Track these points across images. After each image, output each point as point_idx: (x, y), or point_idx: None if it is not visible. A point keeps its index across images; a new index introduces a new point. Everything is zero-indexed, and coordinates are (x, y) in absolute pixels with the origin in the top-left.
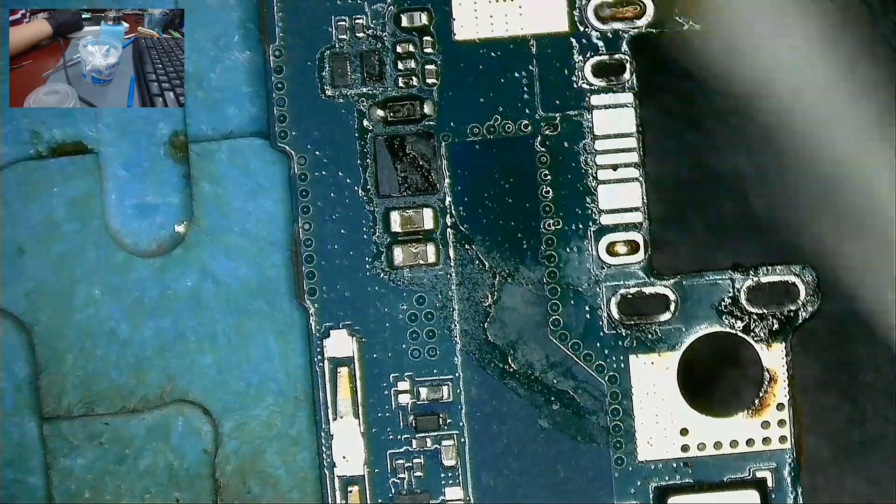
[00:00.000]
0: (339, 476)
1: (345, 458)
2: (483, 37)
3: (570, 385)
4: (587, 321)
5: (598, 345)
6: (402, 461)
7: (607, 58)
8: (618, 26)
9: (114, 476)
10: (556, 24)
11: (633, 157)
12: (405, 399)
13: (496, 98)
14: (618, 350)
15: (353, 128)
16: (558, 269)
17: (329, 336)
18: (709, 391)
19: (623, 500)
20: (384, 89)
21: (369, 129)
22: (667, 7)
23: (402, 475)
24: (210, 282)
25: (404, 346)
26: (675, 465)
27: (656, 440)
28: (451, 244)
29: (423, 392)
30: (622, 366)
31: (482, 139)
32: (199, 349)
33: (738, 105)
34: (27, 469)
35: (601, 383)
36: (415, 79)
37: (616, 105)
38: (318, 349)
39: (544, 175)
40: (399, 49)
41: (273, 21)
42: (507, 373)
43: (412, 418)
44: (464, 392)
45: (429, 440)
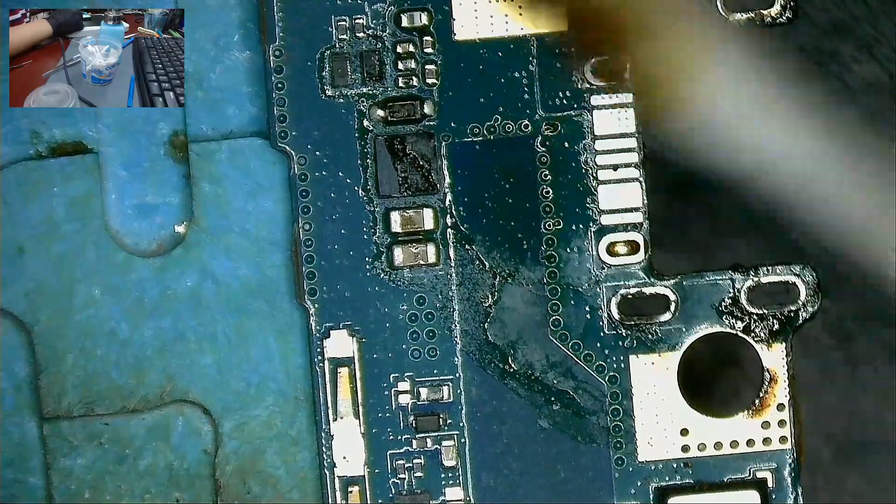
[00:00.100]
0: (339, 476)
1: (345, 458)
2: (483, 37)
3: (570, 385)
4: (587, 321)
5: (599, 345)
6: (402, 461)
7: (607, 58)
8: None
9: (114, 476)
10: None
11: (633, 157)
12: (405, 399)
13: (496, 98)
14: (618, 350)
15: (353, 128)
16: (558, 270)
17: (329, 336)
18: (709, 391)
19: (623, 500)
20: (384, 89)
21: (369, 129)
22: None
23: (402, 475)
24: (210, 282)
25: (404, 346)
26: (676, 466)
27: (656, 440)
28: (451, 244)
29: (424, 392)
30: (622, 366)
31: (482, 139)
32: (199, 349)
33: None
34: (27, 469)
35: (601, 383)
36: (415, 79)
37: (616, 105)
38: (319, 349)
39: (544, 175)
40: (399, 49)
41: (273, 21)
42: (508, 373)
43: (412, 419)
44: (464, 392)
45: (429, 440)
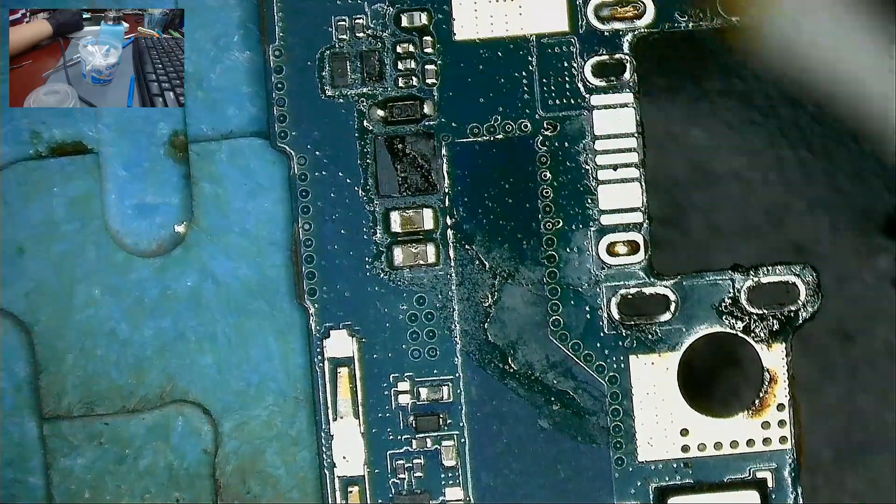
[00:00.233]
0: (339, 476)
1: (345, 458)
2: (483, 37)
3: (570, 385)
4: (587, 321)
5: (599, 345)
6: (402, 461)
7: (607, 58)
8: (618, 26)
9: (114, 476)
10: (555, 23)
11: (633, 157)
12: (405, 399)
13: (496, 98)
14: (618, 350)
15: (353, 128)
16: (558, 270)
17: (329, 336)
18: (709, 391)
19: (623, 500)
20: (384, 89)
21: (369, 129)
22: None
23: (402, 475)
24: (210, 282)
25: (404, 346)
26: (676, 466)
27: (656, 440)
28: (451, 244)
29: (424, 392)
30: (622, 366)
31: (482, 139)
32: (199, 349)
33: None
34: (27, 469)
35: (601, 384)
36: (415, 79)
37: (616, 105)
38: (318, 349)
39: (544, 175)
40: (399, 49)
41: (273, 21)
42: (508, 373)
43: (412, 418)
44: (464, 392)
45: (429, 440)
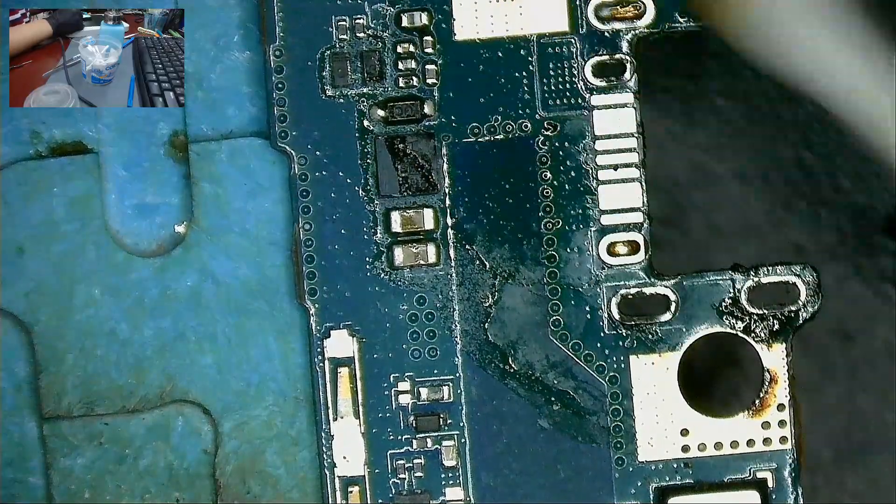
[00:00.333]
0: (339, 476)
1: (345, 458)
2: (483, 37)
3: (570, 385)
4: (587, 321)
5: (599, 345)
6: (402, 461)
7: (607, 58)
8: (618, 26)
9: (114, 476)
10: (556, 23)
11: (634, 157)
12: (405, 399)
13: (496, 98)
14: (618, 350)
15: (353, 128)
16: (559, 270)
17: (329, 336)
18: (709, 392)
19: (623, 500)
20: (384, 89)
21: (370, 129)
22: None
23: (402, 475)
24: (210, 282)
25: (405, 346)
26: (676, 466)
27: (657, 441)
28: (451, 244)
29: (424, 392)
30: (622, 366)
31: (483, 139)
32: (199, 349)
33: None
34: (27, 469)
35: (601, 384)
36: (415, 79)
37: (616, 105)
38: (319, 349)
39: (544, 175)
40: (399, 49)
41: (273, 21)
42: (508, 373)
43: (412, 418)
44: (464, 392)
45: (429, 440)
